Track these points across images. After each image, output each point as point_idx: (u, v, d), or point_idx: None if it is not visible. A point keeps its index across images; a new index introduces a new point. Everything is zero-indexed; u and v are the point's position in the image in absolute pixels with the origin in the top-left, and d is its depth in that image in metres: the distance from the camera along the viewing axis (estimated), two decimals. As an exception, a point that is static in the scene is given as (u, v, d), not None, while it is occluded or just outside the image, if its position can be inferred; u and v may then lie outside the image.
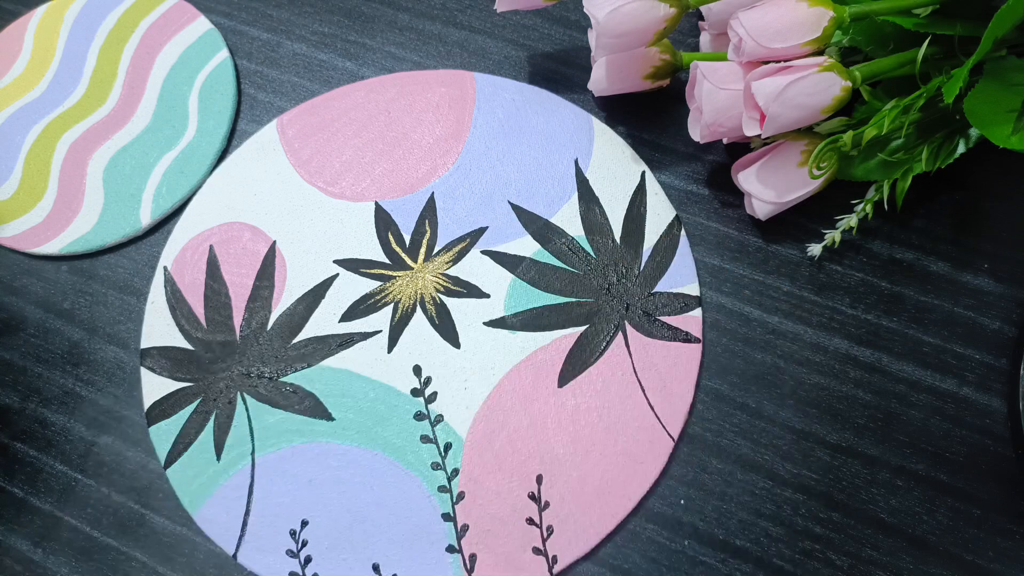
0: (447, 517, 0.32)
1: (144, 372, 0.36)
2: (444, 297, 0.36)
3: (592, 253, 0.36)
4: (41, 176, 0.41)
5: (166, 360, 0.36)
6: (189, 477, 0.34)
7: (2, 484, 0.35)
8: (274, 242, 0.38)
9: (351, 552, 0.32)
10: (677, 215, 0.37)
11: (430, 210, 0.38)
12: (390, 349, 0.35)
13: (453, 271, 0.36)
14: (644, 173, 0.38)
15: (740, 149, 0.37)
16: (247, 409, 0.35)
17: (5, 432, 0.36)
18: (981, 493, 0.31)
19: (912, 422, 0.32)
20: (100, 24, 0.46)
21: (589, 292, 0.35)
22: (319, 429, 0.34)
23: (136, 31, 0.45)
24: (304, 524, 0.32)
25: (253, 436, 0.34)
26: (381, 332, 0.36)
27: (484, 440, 0.33)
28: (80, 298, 0.38)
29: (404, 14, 0.44)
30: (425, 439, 0.33)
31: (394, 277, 0.37)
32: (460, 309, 0.36)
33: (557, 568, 0.31)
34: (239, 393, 0.35)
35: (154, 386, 0.36)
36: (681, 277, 0.35)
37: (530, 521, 0.32)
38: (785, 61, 0.31)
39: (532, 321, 0.35)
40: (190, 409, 0.35)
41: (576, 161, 0.38)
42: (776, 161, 0.33)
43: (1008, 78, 0.31)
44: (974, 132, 0.33)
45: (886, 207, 0.34)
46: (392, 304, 0.36)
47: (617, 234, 0.36)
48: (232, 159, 0.41)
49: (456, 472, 0.33)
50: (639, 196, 0.37)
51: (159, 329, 0.37)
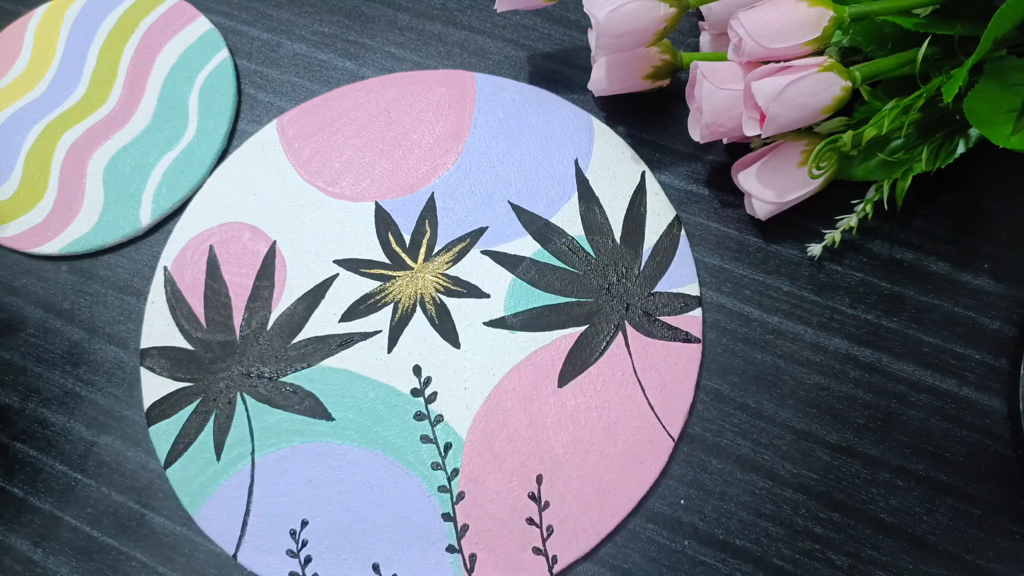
0: (447, 517, 0.32)
1: (144, 372, 0.36)
2: (444, 297, 0.36)
3: (592, 253, 0.36)
4: (41, 176, 0.41)
5: (166, 360, 0.36)
6: (189, 477, 0.34)
7: (2, 484, 0.35)
8: (274, 242, 0.38)
9: (351, 552, 0.32)
10: (677, 215, 0.37)
11: (430, 210, 0.38)
12: (390, 349, 0.35)
13: (453, 271, 0.36)
14: (644, 173, 0.38)
15: (740, 149, 0.37)
16: (247, 409, 0.35)
17: (5, 432, 0.36)
18: (981, 493, 0.31)
19: (912, 422, 0.32)
20: (100, 24, 0.46)
21: (589, 292, 0.35)
22: (319, 429, 0.34)
23: (136, 31, 0.45)
24: (304, 524, 0.32)
25: (253, 436, 0.34)
26: (381, 332, 0.36)
27: (484, 440, 0.33)
28: (80, 298, 0.38)
29: (404, 14, 0.44)
30: (425, 439, 0.33)
31: (394, 277, 0.37)
32: (460, 309, 0.36)
33: (557, 568, 0.31)
34: (239, 393, 0.35)
35: (154, 386, 0.36)
36: (681, 277, 0.35)
37: (530, 521, 0.32)
38: (785, 61, 0.31)
39: (532, 321, 0.35)
40: (190, 409, 0.35)
41: (576, 161, 0.38)
42: (776, 161, 0.33)
43: (1008, 78, 0.31)
44: (974, 132, 0.33)
45: (886, 207, 0.34)
46: (392, 304, 0.36)
47: (617, 234, 0.36)
48: (232, 159, 0.41)
49: (456, 472, 0.33)
50: (639, 196, 0.37)
51: (159, 329, 0.37)
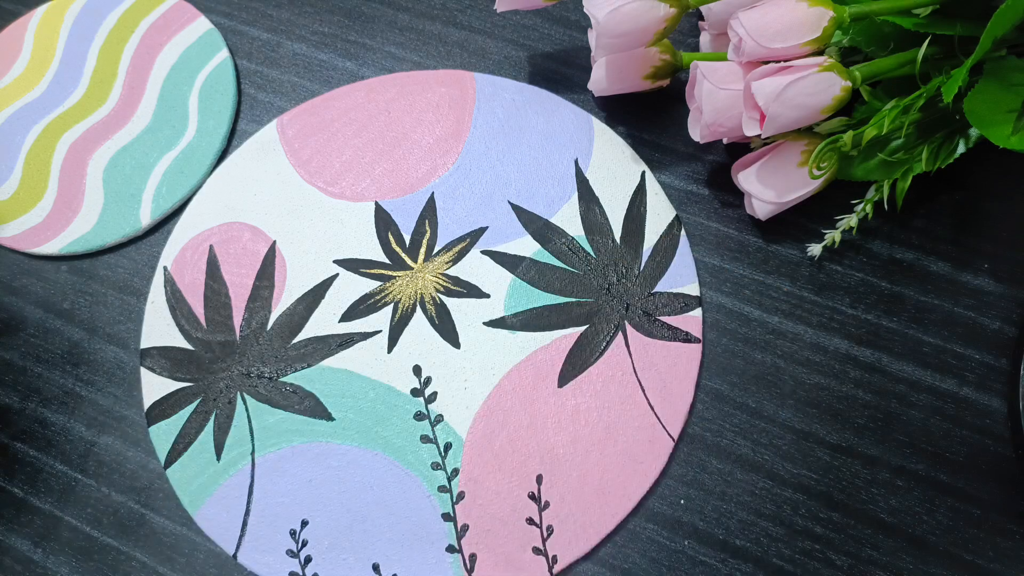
0: (447, 517, 0.32)
1: (144, 372, 0.36)
2: (444, 297, 0.36)
3: (592, 253, 0.36)
4: (41, 176, 0.41)
5: (166, 360, 0.36)
6: (189, 477, 0.34)
7: (2, 484, 0.35)
8: (274, 242, 0.38)
9: (351, 552, 0.32)
10: (677, 215, 0.37)
11: (430, 210, 0.38)
12: (390, 349, 0.35)
13: (453, 271, 0.36)
14: (644, 173, 0.38)
15: (740, 149, 0.37)
16: (247, 409, 0.35)
17: (5, 432, 0.36)
18: (981, 493, 0.31)
19: (912, 422, 0.32)
20: (100, 24, 0.46)
21: (589, 292, 0.35)
22: (319, 429, 0.34)
23: (136, 31, 0.45)
24: (304, 524, 0.32)
25: (253, 436, 0.34)
26: (381, 332, 0.36)
27: (484, 440, 0.33)
28: (80, 298, 0.38)
29: (404, 14, 0.44)
30: (425, 439, 0.33)
31: (394, 277, 0.37)
32: (460, 309, 0.36)
33: (557, 568, 0.31)
34: (239, 393, 0.35)
35: (154, 386, 0.36)
36: (681, 277, 0.35)
37: (530, 521, 0.32)
38: (785, 61, 0.31)
39: (532, 321, 0.35)
40: (190, 409, 0.35)
41: (576, 161, 0.38)
42: (776, 161, 0.33)
43: (1008, 78, 0.31)
44: (974, 132, 0.33)
45: (886, 207, 0.34)
46: (392, 304, 0.36)
47: (617, 234, 0.36)
48: (232, 159, 0.41)
49: (456, 472, 0.33)
50: (639, 196, 0.37)
51: (159, 329, 0.37)
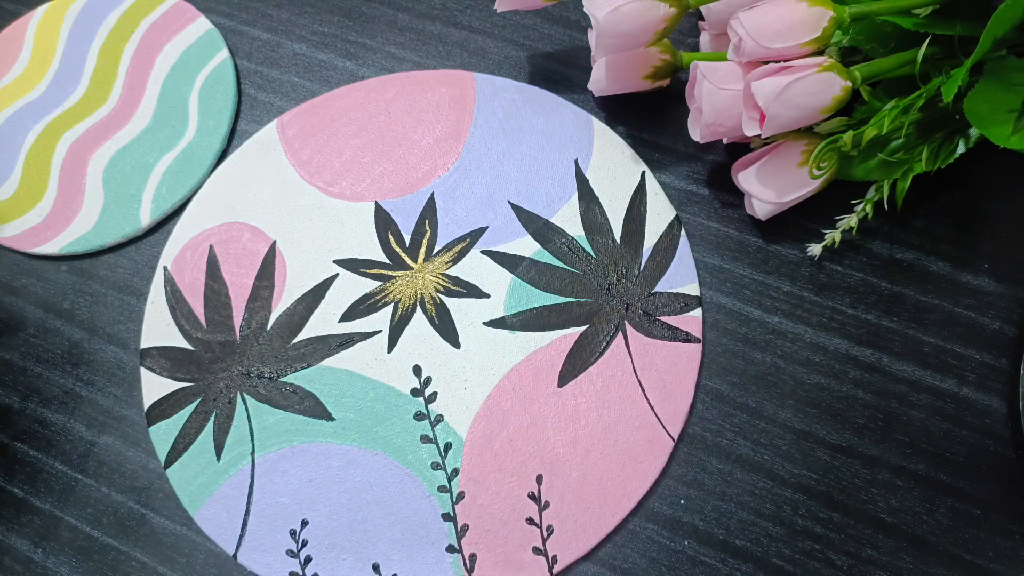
0: (447, 517, 0.32)
1: (144, 372, 0.36)
2: (444, 297, 0.36)
3: (592, 253, 0.36)
4: (41, 176, 0.41)
5: (166, 360, 0.36)
6: (189, 477, 0.34)
7: (2, 484, 0.35)
8: (274, 242, 0.38)
9: (351, 552, 0.32)
10: (677, 215, 0.37)
11: (430, 210, 0.38)
12: (390, 349, 0.35)
13: (453, 271, 0.36)
14: (644, 173, 0.38)
15: (740, 149, 0.37)
16: (247, 409, 0.35)
17: (5, 432, 0.36)
18: (981, 493, 0.31)
19: (912, 422, 0.32)
20: (100, 24, 0.46)
21: (589, 292, 0.35)
22: (319, 429, 0.34)
23: (136, 31, 0.45)
24: (304, 524, 0.32)
25: (253, 436, 0.34)
26: (381, 332, 0.35)
27: (484, 440, 0.33)
28: (80, 298, 0.38)
29: (404, 14, 0.44)
30: (425, 439, 0.33)
31: (394, 277, 0.37)
32: (460, 309, 0.36)
33: (557, 568, 0.31)
34: (239, 393, 0.35)
35: (154, 386, 0.36)
36: (681, 277, 0.35)
37: (530, 521, 0.32)
38: (785, 61, 0.31)
39: (532, 321, 0.35)
40: (190, 409, 0.35)
41: (576, 161, 0.38)
42: (776, 161, 0.33)
43: (1008, 78, 0.31)
44: (974, 132, 0.33)
45: (886, 207, 0.34)
46: (392, 304, 0.36)
47: (617, 234, 0.36)
48: (232, 159, 0.41)
49: (456, 472, 0.33)
50: (639, 196, 0.37)
51: (159, 329, 0.37)
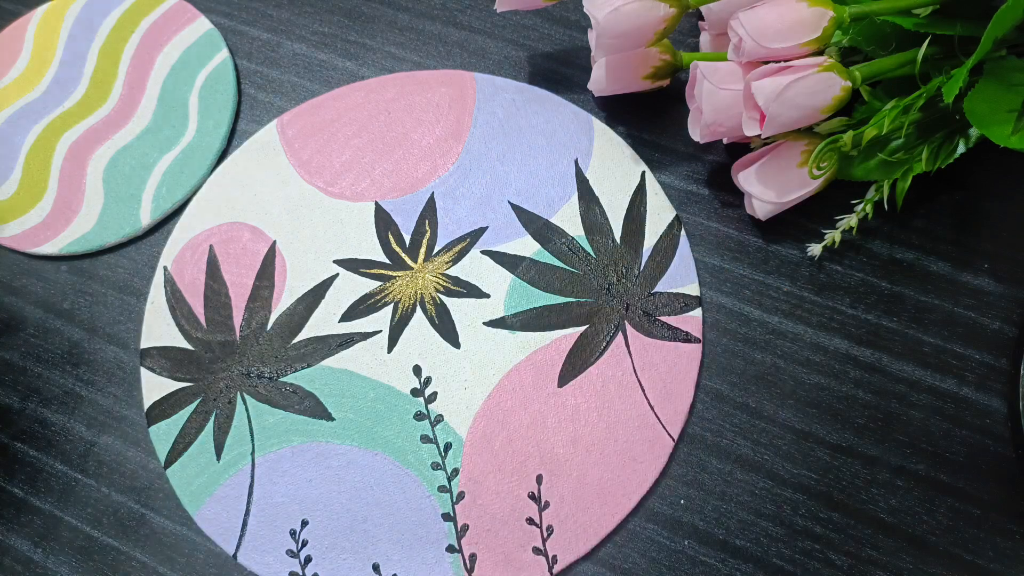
0: (447, 517, 0.32)
1: (144, 372, 0.36)
2: (444, 297, 0.36)
3: (592, 253, 0.36)
4: (41, 176, 0.41)
5: (166, 360, 0.36)
6: (189, 477, 0.34)
7: (2, 484, 0.35)
8: (274, 242, 0.38)
9: (351, 552, 0.32)
10: (677, 215, 0.37)
11: (430, 210, 0.38)
12: (390, 349, 0.35)
13: (453, 271, 0.36)
14: (644, 173, 0.38)
15: (740, 149, 0.37)
16: (247, 409, 0.35)
17: (5, 432, 0.36)
18: (981, 493, 0.31)
19: (912, 422, 0.32)
20: (100, 24, 0.46)
21: (589, 292, 0.35)
22: (319, 429, 0.34)
23: (136, 31, 0.45)
24: (304, 524, 0.32)
25: (253, 436, 0.34)
26: (381, 332, 0.35)
27: (484, 440, 0.33)
28: (80, 298, 0.38)
29: (404, 14, 0.44)
30: (425, 439, 0.33)
31: (394, 277, 0.37)
32: (460, 309, 0.36)
33: (557, 568, 0.31)
34: (239, 393, 0.35)
35: (154, 386, 0.36)
36: (681, 277, 0.35)
37: (530, 521, 0.32)
38: (785, 61, 0.31)
39: (532, 321, 0.35)
40: (190, 409, 0.35)
41: (576, 161, 0.38)
42: (776, 161, 0.33)
43: (1008, 78, 0.31)
44: (974, 132, 0.33)
45: (886, 207, 0.34)
46: (392, 304, 0.36)
47: (617, 234, 0.36)
48: (232, 159, 0.41)
49: (456, 472, 0.33)
50: (639, 196, 0.37)
51: (159, 329, 0.37)
